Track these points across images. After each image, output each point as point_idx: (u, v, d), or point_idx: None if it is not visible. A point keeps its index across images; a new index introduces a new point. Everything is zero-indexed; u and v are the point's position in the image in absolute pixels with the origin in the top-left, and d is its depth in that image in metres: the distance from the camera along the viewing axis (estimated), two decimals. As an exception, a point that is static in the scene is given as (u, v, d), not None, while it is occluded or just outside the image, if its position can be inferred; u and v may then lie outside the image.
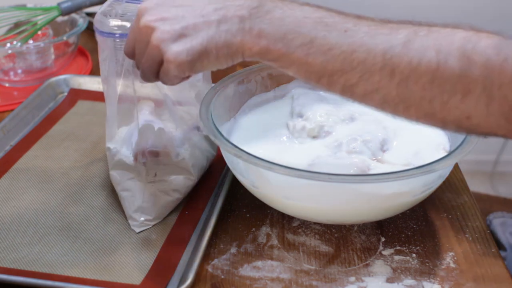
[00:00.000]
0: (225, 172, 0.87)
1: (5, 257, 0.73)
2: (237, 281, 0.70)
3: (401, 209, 0.73)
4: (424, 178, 0.69)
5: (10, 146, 0.95)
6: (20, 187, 0.85)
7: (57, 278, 0.69)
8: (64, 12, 1.18)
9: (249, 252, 0.75)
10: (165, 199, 0.79)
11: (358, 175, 0.71)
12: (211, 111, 0.77)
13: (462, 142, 0.70)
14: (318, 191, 0.69)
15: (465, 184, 0.87)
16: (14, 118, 0.99)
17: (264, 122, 0.85)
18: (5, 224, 0.78)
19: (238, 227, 0.79)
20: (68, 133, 0.98)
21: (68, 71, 1.18)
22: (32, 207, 0.81)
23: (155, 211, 0.78)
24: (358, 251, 0.75)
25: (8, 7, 1.20)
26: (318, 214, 0.73)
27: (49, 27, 1.23)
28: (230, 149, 0.69)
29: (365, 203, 0.70)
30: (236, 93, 0.85)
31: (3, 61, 1.17)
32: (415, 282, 0.70)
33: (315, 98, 0.85)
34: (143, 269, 0.71)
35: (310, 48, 0.58)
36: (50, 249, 0.74)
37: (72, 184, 0.86)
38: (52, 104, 1.07)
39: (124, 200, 0.79)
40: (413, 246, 0.75)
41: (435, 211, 0.81)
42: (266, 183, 0.72)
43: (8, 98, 1.12)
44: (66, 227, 0.78)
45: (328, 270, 0.72)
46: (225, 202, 0.81)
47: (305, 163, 0.75)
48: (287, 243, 0.76)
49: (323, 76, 0.59)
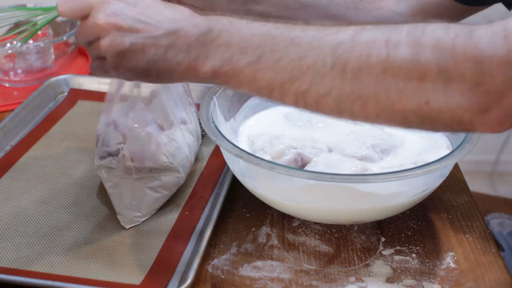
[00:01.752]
0: (225, 172, 0.87)
1: (5, 257, 0.73)
2: (237, 281, 0.70)
3: (401, 209, 0.73)
4: (424, 178, 0.69)
5: (10, 146, 0.95)
6: (20, 187, 0.85)
7: (57, 278, 0.69)
8: (64, 12, 1.18)
9: (249, 252, 0.75)
10: (153, 196, 0.79)
11: (358, 175, 0.71)
12: (211, 111, 0.77)
13: (462, 142, 0.70)
14: (318, 191, 0.69)
15: (465, 184, 0.87)
16: (14, 118, 0.99)
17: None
18: (5, 224, 0.78)
19: (238, 227, 0.79)
20: (68, 133, 0.98)
21: (68, 71, 1.18)
22: (32, 207, 0.81)
23: (144, 208, 0.79)
24: (358, 251, 0.75)
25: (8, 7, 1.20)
26: (318, 214, 0.73)
27: (49, 27, 1.23)
28: (230, 149, 0.69)
29: (365, 203, 0.70)
30: (235, 93, 0.85)
31: (3, 61, 1.17)
32: (415, 282, 0.70)
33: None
34: (143, 269, 0.71)
35: (258, 65, 0.59)
36: (50, 249, 0.74)
37: (72, 184, 0.86)
38: (52, 104, 1.07)
39: (113, 197, 0.79)
40: (413, 246, 0.75)
41: (435, 211, 0.81)
42: (266, 183, 0.72)
43: (8, 98, 1.12)
44: (66, 227, 0.78)
45: (328, 270, 0.72)
46: (225, 202, 0.81)
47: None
48: (287, 243, 0.76)
49: (274, 89, 0.59)
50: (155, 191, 0.79)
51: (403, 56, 0.54)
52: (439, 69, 0.52)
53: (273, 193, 0.72)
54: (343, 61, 0.56)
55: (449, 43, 0.52)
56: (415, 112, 0.55)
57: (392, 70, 0.54)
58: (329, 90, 0.57)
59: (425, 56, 0.53)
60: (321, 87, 0.57)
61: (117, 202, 0.79)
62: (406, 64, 0.54)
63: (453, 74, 0.52)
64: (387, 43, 0.54)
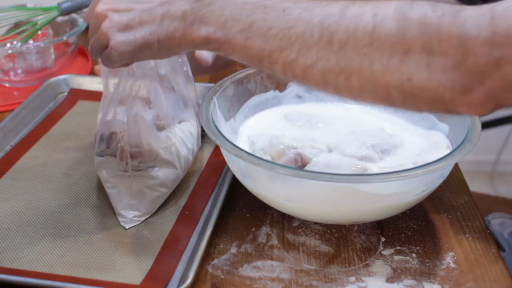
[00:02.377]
0: (225, 172, 0.87)
1: (5, 257, 0.73)
2: (237, 281, 0.70)
3: (401, 209, 0.73)
4: (424, 178, 0.69)
5: (10, 146, 0.95)
6: (20, 187, 0.85)
7: (57, 278, 0.69)
8: (64, 12, 1.18)
9: (249, 252, 0.75)
10: (152, 194, 0.79)
11: (358, 175, 0.71)
12: (211, 111, 0.77)
13: (462, 142, 0.70)
14: (318, 191, 0.69)
15: (465, 184, 0.87)
16: (14, 118, 0.99)
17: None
18: (5, 224, 0.78)
19: (238, 227, 0.79)
20: (68, 133, 0.98)
21: (68, 71, 1.18)
22: (32, 207, 0.81)
23: (143, 207, 0.79)
24: (358, 251, 0.75)
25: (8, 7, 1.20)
26: (318, 214, 0.73)
27: (49, 27, 1.23)
28: (230, 149, 0.69)
29: (365, 203, 0.70)
30: (235, 93, 0.85)
31: (3, 61, 1.17)
32: (415, 282, 0.70)
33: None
34: (143, 269, 0.71)
35: (249, 33, 0.61)
36: (50, 249, 0.74)
37: (72, 184, 0.86)
38: (52, 104, 1.07)
39: (112, 198, 0.79)
40: (413, 246, 0.75)
41: (435, 211, 0.81)
42: (266, 183, 0.72)
43: (8, 98, 1.12)
44: (66, 227, 0.78)
45: (328, 270, 0.72)
46: (225, 202, 0.81)
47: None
48: (287, 243, 0.76)
49: (263, 58, 0.61)
50: (153, 190, 0.79)
51: (389, 30, 0.54)
52: (423, 45, 0.53)
53: (273, 193, 0.72)
54: (330, 33, 0.57)
55: (435, 20, 0.53)
56: (398, 88, 0.56)
57: (377, 43, 0.55)
58: (315, 61, 0.58)
59: (410, 32, 0.54)
60: (308, 57, 0.58)
61: (116, 202, 0.79)
62: (391, 38, 0.54)
63: (436, 51, 0.53)
64: (374, 16, 0.55)
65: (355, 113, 0.89)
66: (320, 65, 0.58)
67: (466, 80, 0.53)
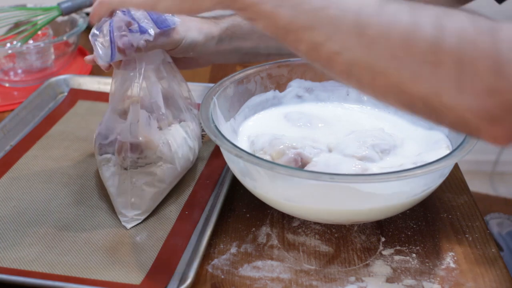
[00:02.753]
0: (225, 172, 0.87)
1: (5, 257, 0.73)
2: (237, 281, 0.70)
3: (401, 209, 0.73)
4: (424, 178, 0.69)
5: (10, 146, 0.95)
6: (20, 187, 0.85)
7: (57, 278, 0.69)
8: (64, 12, 1.18)
9: (249, 252, 0.75)
10: (151, 191, 0.79)
11: (358, 175, 0.71)
12: (211, 111, 0.77)
13: (462, 142, 0.70)
14: (318, 191, 0.69)
15: (465, 184, 0.87)
16: (14, 118, 0.99)
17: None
18: (5, 224, 0.78)
19: (238, 227, 0.79)
20: (68, 133, 0.98)
21: (68, 71, 1.18)
22: (32, 207, 0.81)
23: (144, 205, 0.79)
24: (358, 251, 0.75)
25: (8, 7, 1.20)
26: (318, 214, 0.73)
27: (49, 27, 1.23)
28: (230, 149, 0.69)
29: (365, 203, 0.70)
30: (235, 93, 0.85)
31: (3, 61, 1.17)
32: (415, 282, 0.70)
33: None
34: (143, 269, 0.71)
35: (281, 1, 0.56)
36: (50, 249, 0.74)
37: (72, 184, 0.86)
38: (52, 104, 1.07)
39: (113, 197, 0.80)
40: (413, 246, 0.75)
41: (435, 211, 0.81)
42: (266, 183, 0.72)
43: (8, 98, 1.12)
44: (66, 227, 0.78)
45: (328, 270, 0.72)
46: (225, 202, 0.81)
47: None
48: (287, 243, 0.76)
49: (290, 32, 0.56)
50: (152, 186, 0.79)
51: (424, 36, 0.51)
52: (457, 60, 0.50)
53: (273, 193, 0.72)
54: (364, 24, 0.53)
55: (473, 37, 0.50)
56: (424, 100, 0.53)
57: (410, 47, 0.52)
58: (342, 50, 0.54)
59: (445, 42, 0.50)
60: (336, 44, 0.54)
61: (117, 201, 0.79)
62: (425, 45, 0.51)
63: (468, 70, 0.50)
64: (411, 17, 0.52)
65: (355, 113, 0.89)
66: (346, 55, 0.54)
67: (496, 112, 0.50)
